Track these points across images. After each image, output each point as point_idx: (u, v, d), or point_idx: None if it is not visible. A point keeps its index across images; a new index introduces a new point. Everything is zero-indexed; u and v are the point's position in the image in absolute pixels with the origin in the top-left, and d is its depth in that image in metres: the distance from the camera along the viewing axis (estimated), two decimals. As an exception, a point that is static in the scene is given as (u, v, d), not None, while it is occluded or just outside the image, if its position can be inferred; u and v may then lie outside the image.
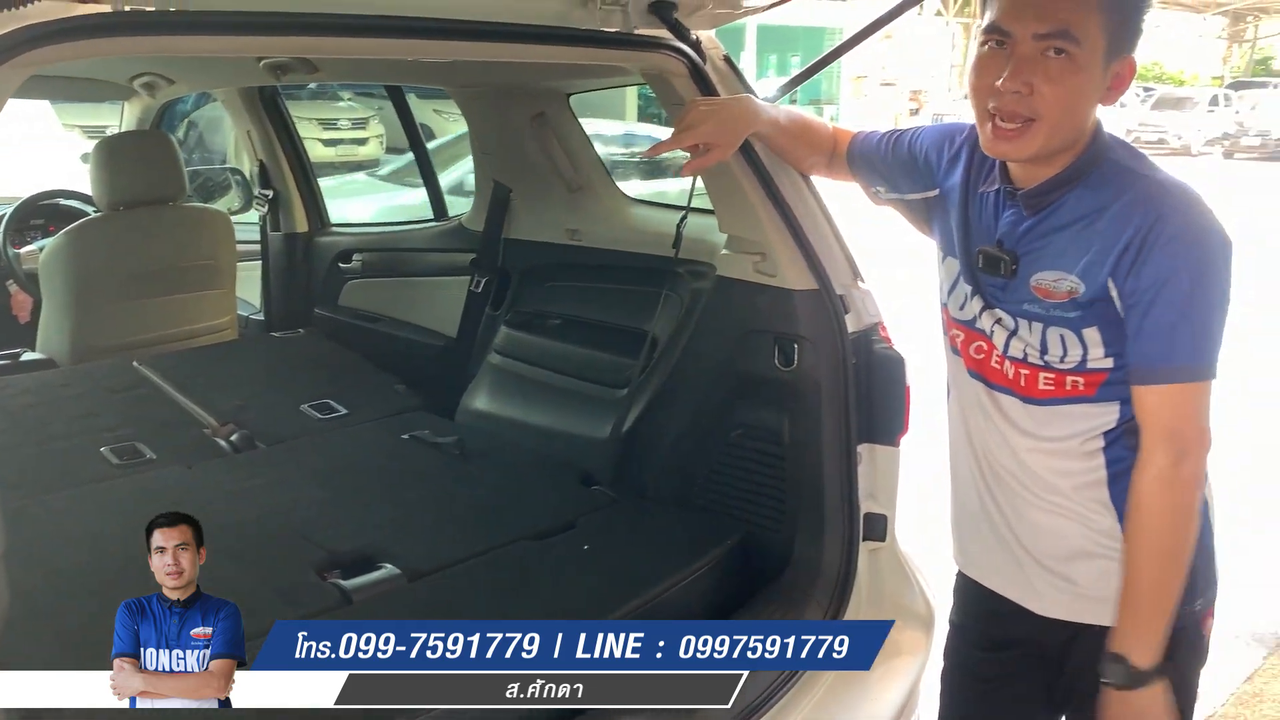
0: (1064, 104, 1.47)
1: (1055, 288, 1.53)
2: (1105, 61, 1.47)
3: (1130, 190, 1.49)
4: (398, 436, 2.88)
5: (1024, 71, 1.46)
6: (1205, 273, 1.46)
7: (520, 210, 3.19)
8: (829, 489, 2.17)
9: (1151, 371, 1.48)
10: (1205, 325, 1.47)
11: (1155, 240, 1.44)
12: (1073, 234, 1.52)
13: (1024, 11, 1.45)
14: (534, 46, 1.95)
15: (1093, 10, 1.44)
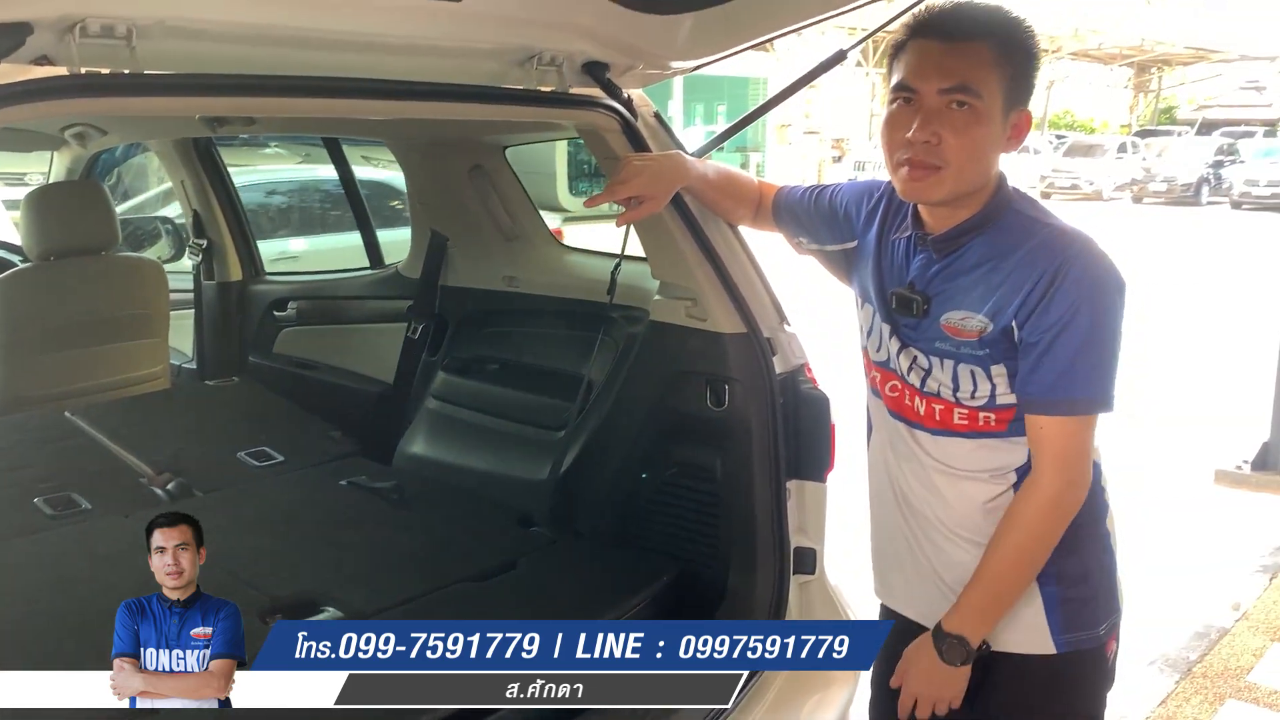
0: (968, 152, 1.59)
1: (964, 326, 1.64)
2: (1004, 113, 1.60)
3: (1034, 237, 1.62)
4: (335, 482, 2.90)
5: (931, 123, 1.59)
6: (1103, 313, 1.57)
7: (457, 258, 3.25)
8: (760, 524, 2.25)
9: (1051, 403, 1.59)
10: (1103, 361, 1.58)
11: (1059, 283, 1.56)
12: (979, 276, 1.64)
13: (928, 70, 1.59)
14: (473, 105, 2.04)
15: (989, 67, 1.57)
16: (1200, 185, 26.45)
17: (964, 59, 1.57)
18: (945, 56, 1.58)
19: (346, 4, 1.66)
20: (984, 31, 1.58)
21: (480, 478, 2.93)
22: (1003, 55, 1.58)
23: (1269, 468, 5.64)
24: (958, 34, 1.58)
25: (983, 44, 1.57)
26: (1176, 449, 6.30)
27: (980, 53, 1.57)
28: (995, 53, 1.58)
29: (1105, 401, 1.60)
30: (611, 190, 2.05)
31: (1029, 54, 1.62)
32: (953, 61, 1.58)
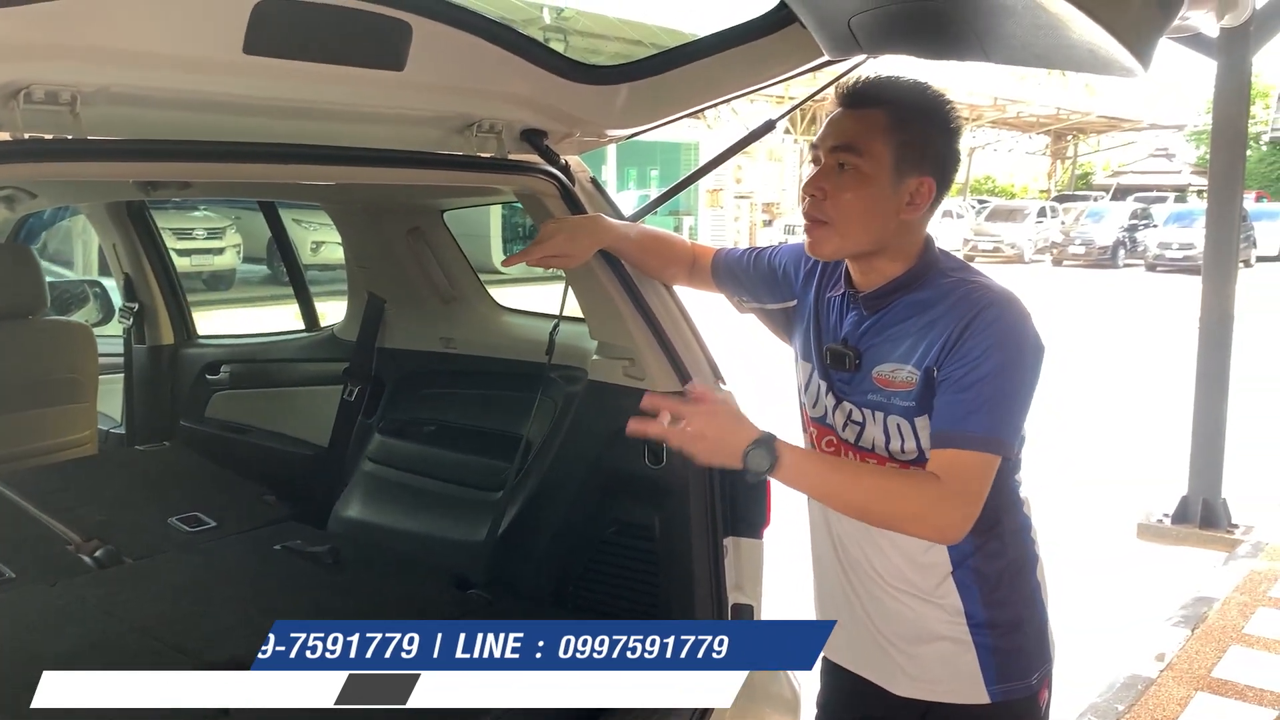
0: (848, 210, 1.68)
1: (894, 377, 1.70)
2: (894, 178, 1.67)
3: (957, 291, 1.69)
4: (269, 547, 2.86)
5: (820, 179, 1.69)
6: (1013, 362, 1.63)
7: (394, 320, 3.26)
8: (698, 581, 2.27)
9: (951, 435, 1.61)
10: (1006, 407, 1.62)
11: (973, 329, 1.62)
12: (906, 330, 1.70)
13: (828, 133, 1.71)
14: (413, 171, 2.08)
15: (880, 131, 1.66)
16: (1116, 248, 27.40)
17: (857, 123, 1.68)
18: (843, 120, 1.69)
19: (288, 72, 1.69)
20: (882, 99, 1.68)
21: (417, 540, 2.92)
22: (897, 122, 1.67)
23: (1188, 520, 5.81)
24: (858, 102, 1.69)
25: (878, 110, 1.67)
26: (1100, 505, 6.45)
27: (874, 118, 1.67)
28: (889, 119, 1.66)
29: (1002, 443, 1.62)
30: (528, 251, 2.12)
31: (929, 122, 1.69)
32: (846, 124, 1.69)
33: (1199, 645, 4.24)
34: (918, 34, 1.81)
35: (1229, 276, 5.77)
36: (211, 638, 2.32)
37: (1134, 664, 4.06)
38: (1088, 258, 27.30)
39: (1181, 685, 3.89)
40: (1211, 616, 4.53)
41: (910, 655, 1.79)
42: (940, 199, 1.73)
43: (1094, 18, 1.39)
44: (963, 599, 1.74)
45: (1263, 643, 4.27)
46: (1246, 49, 5.60)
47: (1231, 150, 5.75)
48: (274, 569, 2.76)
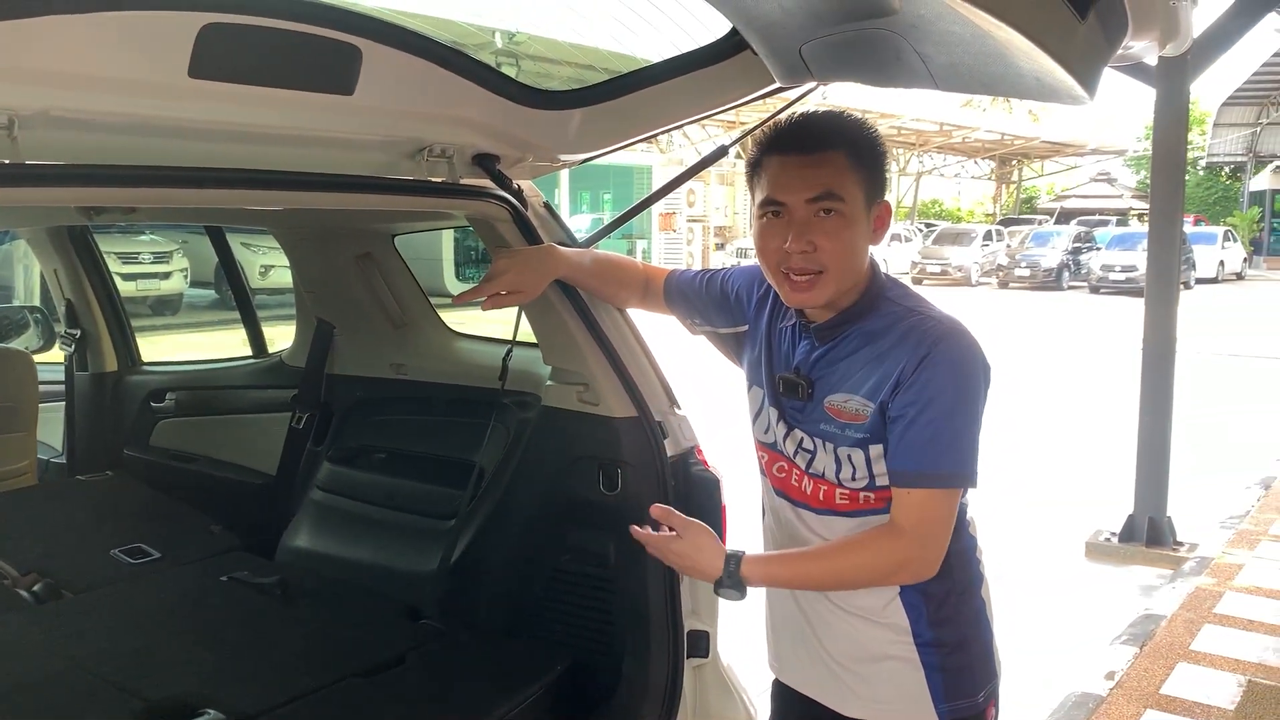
0: (843, 253, 1.69)
1: (845, 407, 1.71)
2: (866, 210, 1.71)
3: (906, 323, 1.70)
4: (215, 579, 2.80)
5: (805, 233, 1.68)
6: (967, 393, 1.66)
7: (344, 346, 3.22)
8: (654, 609, 2.26)
9: (916, 475, 1.65)
10: (964, 438, 1.66)
11: (926, 364, 1.64)
12: (858, 360, 1.72)
13: (792, 184, 1.69)
14: (362, 195, 2.05)
15: (847, 170, 1.68)
16: (1061, 271, 27.93)
17: (824, 168, 1.67)
18: (806, 168, 1.68)
19: (235, 96, 1.66)
20: (838, 141, 1.69)
21: (368, 570, 2.87)
22: (857, 159, 1.69)
23: (1134, 539, 5.90)
24: (814, 146, 1.69)
25: (839, 152, 1.68)
26: (1049, 525, 6.54)
27: (838, 160, 1.68)
28: (850, 158, 1.68)
29: (967, 476, 1.67)
30: (482, 287, 2.10)
31: (878, 153, 1.73)
32: (814, 172, 1.68)
33: (1147, 663, 4.29)
34: (868, 62, 1.83)
35: (1171, 299, 5.89)
36: (155, 674, 2.26)
37: (1084, 682, 4.10)
38: (1033, 280, 27.79)
39: (1131, 703, 3.93)
40: (1159, 634, 4.59)
41: (859, 676, 1.80)
42: None
43: (1041, 47, 1.41)
44: (910, 619, 1.76)
45: (1208, 659, 4.33)
46: (1184, 77, 5.75)
47: (1171, 175, 5.89)
48: (220, 601, 2.70)
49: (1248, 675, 4.16)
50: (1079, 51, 1.49)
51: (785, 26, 1.82)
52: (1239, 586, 5.21)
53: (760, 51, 1.93)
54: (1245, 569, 5.46)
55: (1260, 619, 4.78)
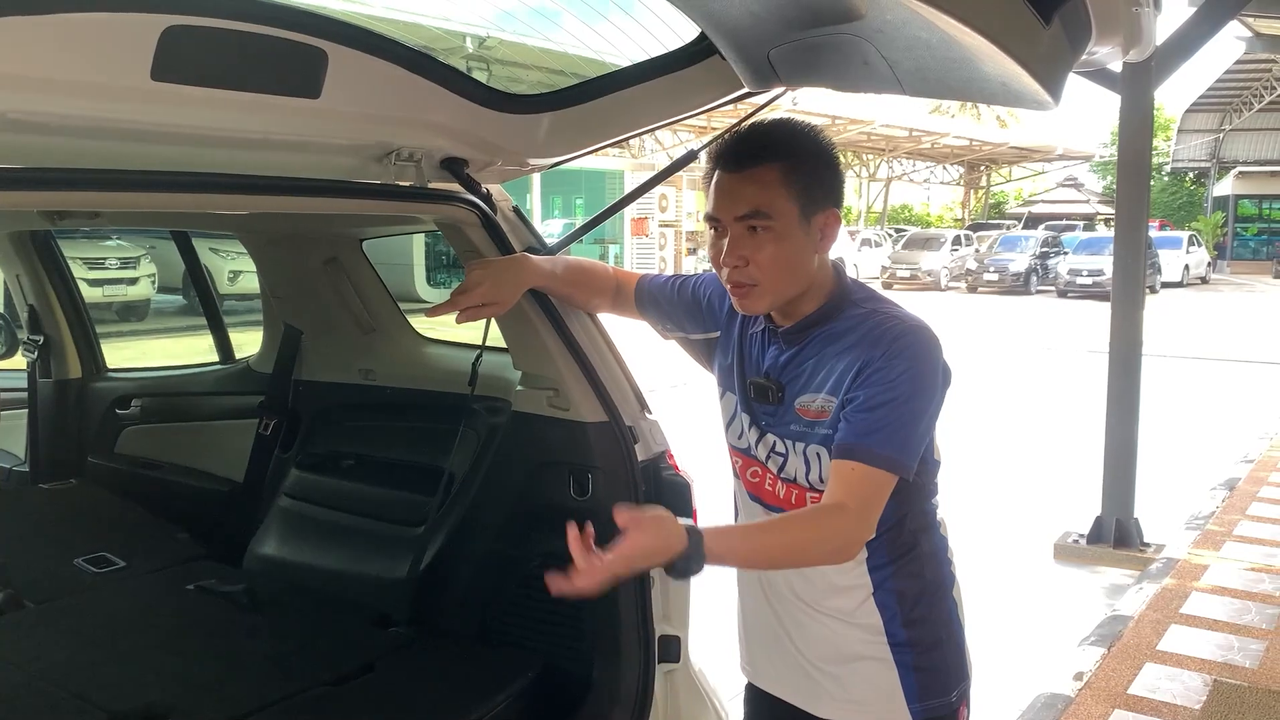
0: (774, 268, 1.69)
1: (811, 406, 1.72)
2: (803, 222, 1.69)
3: (870, 322, 1.71)
4: (181, 587, 2.77)
5: (736, 248, 1.69)
6: (922, 390, 1.66)
7: (311, 352, 3.19)
8: (625, 615, 2.25)
9: (854, 448, 1.63)
10: (910, 431, 1.65)
11: (887, 357, 1.65)
12: (824, 360, 1.72)
13: (724, 201, 1.70)
14: (329, 200, 2.03)
15: (778, 186, 1.67)
16: (1029, 275, 28.20)
17: (753, 184, 1.67)
18: (737, 184, 1.69)
19: (199, 99, 1.64)
20: (769, 154, 1.68)
21: (336, 578, 2.85)
22: (791, 172, 1.68)
23: (1102, 540, 5.95)
24: (746, 162, 1.69)
25: (769, 166, 1.67)
26: (1018, 526, 6.59)
27: (768, 175, 1.67)
28: (782, 172, 1.67)
29: (904, 466, 1.65)
30: (455, 300, 2.06)
31: (819, 161, 1.71)
32: (743, 188, 1.68)
33: (1115, 663, 4.33)
34: (835, 67, 1.83)
35: (1137, 302, 5.96)
36: (119, 685, 2.23)
37: (1053, 683, 4.13)
38: (1001, 284, 28.05)
39: (1099, 703, 3.96)
40: (1126, 634, 4.63)
41: (833, 677, 1.81)
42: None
43: (1006, 52, 1.42)
44: (883, 619, 1.77)
45: (1175, 659, 4.37)
46: (1149, 84, 5.82)
47: (1137, 181, 5.95)
48: (186, 610, 2.67)
49: (1213, 675, 4.20)
50: (1043, 57, 1.50)
51: (753, 31, 1.82)
52: (1204, 587, 5.27)
53: (728, 56, 1.93)
54: (1210, 569, 5.53)
55: (1225, 619, 4.84)
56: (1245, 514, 6.58)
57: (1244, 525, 6.34)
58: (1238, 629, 4.71)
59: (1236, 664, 4.32)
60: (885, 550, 1.76)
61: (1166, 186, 46.26)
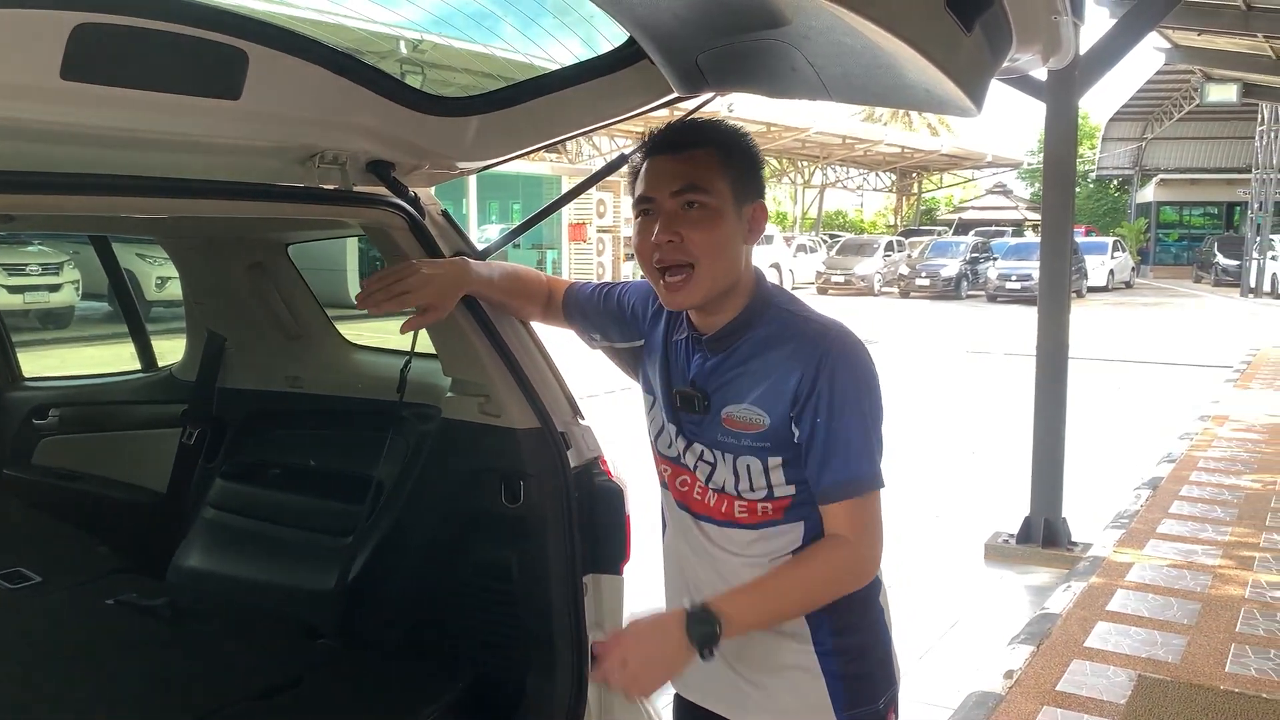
0: (711, 244, 1.69)
1: (740, 417, 1.71)
2: (736, 208, 1.72)
3: (796, 330, 1.71)
4: (101, 602, 2.69)
5: (672, 224, 1.70)
6: (865, 395, 1.68)
7: (236, 359, 3.13)
8: (558, 622, 2.23)
9: (844, 487, 1.66)
10: (875, 440, 1.69)
11: (823, 373, 1.65)
12: (750, 369, 1.72)
13: (660, 179, 1.72)
14: (251, 203, 1.99)
15: (716, 167, 1.70)
16: (960, 280, 28.69)
17: (691, 163, 1.70)
18: (674, 164, 1.71)
19: (113, 99, 1.60)
20: (706, 139, 1.72)
21: (263, 589, 2.79)
22: (727, 157, 1.71)
23: (1031, 540, 6.06)
24: (684, 145, 1.72)
25: (707, 149, 1.71)
26: (950, 528, 6.69)
27: (706, 156, 1.70)
28: (720, 156, 1.71)
29: (879, 478, 1.69)
30: (399, 299, 2.02)
31: (750, 156, 1.76)
32: (680, 167, 1.70)
33: (1044, 661, 4.40)
34: (763, 72, 1.84)
35: (1064, 306, 6.09)
36: (34, 706, 2.16)
37: (984, 682, 4.19)
38: (933, 289, 28.50)
39: (1029, 700, 4.03)
40: (1055, 632, 4.72)
41: (760, 686, 1.80)
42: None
43: (929, 58, 1.43)
44: (811, 628, 1.76)
45: (1101, 655, 4.46)
46: (1073, 92, 5.96)
47: (1062, 187, 6.08)
48: (106, 626, 2.59)
49: (1138, 670, 4.30)
50: (965, 64, 1.51)
51: (681, 36, 1.82)
52: (1129, 584, 5.39)
53: (657, 61, 1.93)
54: (1135, 567, 5.66)
55: (1149, 615, 4.96)
56: (1168, 513, 6.76)
57: (1166, 523, 6.51)
58: (1161, 625, 4.82)
59: (1160, 659, 4.42)
60: None
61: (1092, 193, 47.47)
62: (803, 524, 1.74)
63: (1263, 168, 30.39)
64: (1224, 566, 5.68)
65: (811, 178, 42.17)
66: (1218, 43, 13.82)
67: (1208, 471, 7.88)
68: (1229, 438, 9.17)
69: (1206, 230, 41.17)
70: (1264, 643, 4.59)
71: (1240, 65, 15.11)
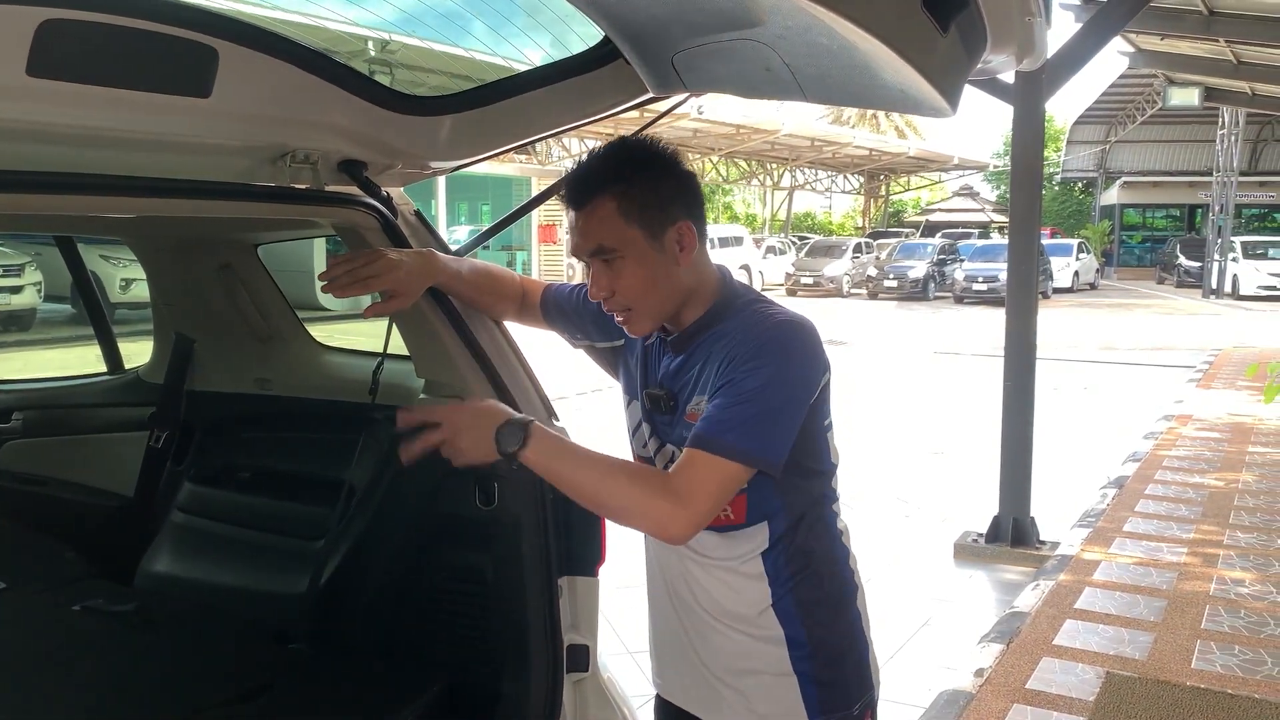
0: (638, 291, 1.71)
1: (698, 409, 1.69)
2: (653, 243, 1.69)
3: (751, 322, 1.69)
4: (68, 608, 2.64)
5: (598, 282, 1.72)
6: (785, 379, 1.63)
7: (205, 361, 3.09)
8: (533, 625, 2.22)
9: (703, 438, 1.61)
10: (767, 421, 1.61)
11: (752, 351, 1.63)
12: (708, 364, 1.71)
13: (575, 239, 1.73)
14: (220, 202, 1.96)
15: (615, 218, 1.68)
16: (927, 282, 28.90)
17: (591, 221, 1.69)
18: (581, 222, 1.70)
19: (80, 97, 1.57)
20: (599, 189, 1.68)
21: (233, 594, 2.76)
22: (625, 201, 1.67)
23: (1000, 540, 6.11)
24: (582, 199, 1.70)
25: (603, 200, 1.68)
26: (918, 528, 6.73)
27: (603, 209, 1.68)
28: (617, 202, 1.67)
29: (761, 459, 1.60)
30: (364, 283, 1.99)
31: (656, 178, 1.70)
32: (586, 225, 1.70)
33: (1014, 659, 4.44)
34: (738, 72, 1.84)
35: (1030, 307, 6.14)
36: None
37: (955, 680, 4.22)
38: (901, 291, 28.68)
39: (999, 698, 4.06)
40: (1024, 631, 4.76)
41: (735, 689, 1.80)
42: (704, 228, 1.77)
43: (904, 58, 1.44)
44: (785, 630, 1.75)
45: (1070, 653, 4.51)
46: (1040, 95, 6.02)
47: (1029, 189, 6.14)
48: (72, 633, 2.55)
49: (1106, 667, 4.34)
50: (941, 64, 1.52)
51: (656, 36, 1.82)
52: (1097, 582, 5.45)
53: (632, 61, 1.93)
54: (1102, 565, 5.72)
55: (1116, 612, 5.01)
56: (1134, 511, 6.83)
57: (1133, 522, 6.58)
58: (1128, 622, 4.88)
59: (1127, 656, 4.47)
60: (784, 560, 1.75)
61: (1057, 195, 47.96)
62: (766, 526, 1.73)
63: (1223, 170, 30.85)
64: (1189, 564, 5.75)
65: (781, 180, 42.35)
66: (1180, 47, 14.00)
67: (1172, 470, 7.98)
68: (1193, 437, 9.29)
69: (1169, 232, 41.72)
70: (1229, 639, 4.65)
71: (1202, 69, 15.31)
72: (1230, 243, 29.70)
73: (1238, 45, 12.32)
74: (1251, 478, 7.72)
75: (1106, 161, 43.38)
